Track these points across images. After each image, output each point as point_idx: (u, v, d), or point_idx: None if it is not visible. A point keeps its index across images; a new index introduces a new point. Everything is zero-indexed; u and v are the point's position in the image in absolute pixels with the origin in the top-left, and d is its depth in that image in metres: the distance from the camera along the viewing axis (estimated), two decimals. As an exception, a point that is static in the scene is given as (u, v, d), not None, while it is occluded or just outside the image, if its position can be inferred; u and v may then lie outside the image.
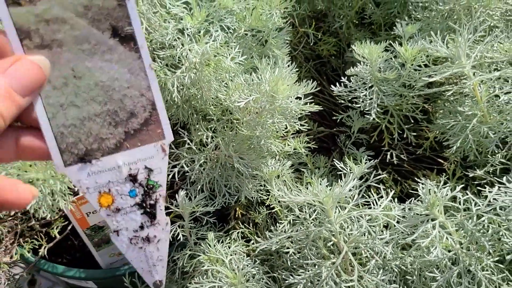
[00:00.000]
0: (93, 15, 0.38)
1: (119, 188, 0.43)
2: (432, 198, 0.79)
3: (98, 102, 0.40)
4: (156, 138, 0.43)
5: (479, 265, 0.80)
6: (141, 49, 0.40)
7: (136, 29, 0.40)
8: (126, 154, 0.42)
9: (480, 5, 0.98)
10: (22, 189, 0.37)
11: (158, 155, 0.43)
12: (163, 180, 0.44)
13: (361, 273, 0.82)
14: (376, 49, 0.99)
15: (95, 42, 0.39)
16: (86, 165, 0.41)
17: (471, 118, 0.91)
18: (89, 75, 0.40)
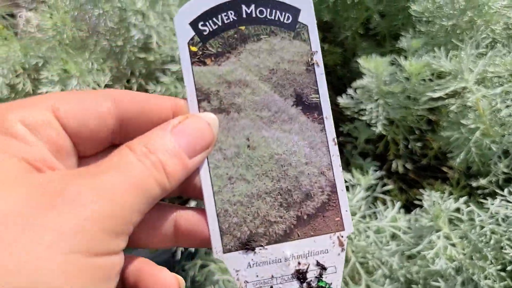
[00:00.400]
0: (277, 80, 0.36)
1: (283, 287, 0.35)
2: (437, 210, 0.82)
3: (270, 178, 0.35)
4: (333, 228, 0.36)
5: (481, 273, 0.83)
6: (325, 121, 0.36)
7: (323, 97, 0.36)
8: (296, 244, 0.35)
9: (482, 20, 1.01)
10: (166, 278, 0.32)
11: (334, 250, 0.35)
12: (338, 283, 0.36)
13: (368, 282, 0.85)
14: (382, 63, 1.02)
15: (276, 110, 0.36)
16: (248, 253, 0.35)
17: (474, 131, 0.94)
18: (264, 146, 0.35)
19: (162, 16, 1.12)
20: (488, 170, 1.04)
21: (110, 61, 1.17)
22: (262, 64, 0.35)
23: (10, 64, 0.93)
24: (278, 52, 0.35)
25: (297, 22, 0.35)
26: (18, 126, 0.27)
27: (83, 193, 0.25)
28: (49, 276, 0.22)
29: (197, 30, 0.34)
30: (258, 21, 0.35)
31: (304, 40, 0.35)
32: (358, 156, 1.19)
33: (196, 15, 0.34)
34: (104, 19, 1.04)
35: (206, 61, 0.35)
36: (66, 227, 0.24)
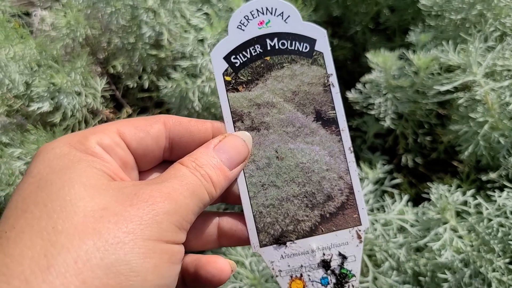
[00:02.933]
0: (299, 100, 0.41)
1: (311, 274, 0.41)
2: (444, 202, 0.83)
3: (297, 183, 0.41)
4: (352, 223, 0.42)
5: (489, 266, 0.83)
6: (342, 132, 0.42)
7: (339, 112, 0.41)
8: (321, 238, 0.41)
9: (492, 14, 1.01)
10: (221, 263, 0.39)
11: (353, 242, 0.41)
12: (357, 270, 0.42)
13: (375, 274, 0.86)
14: (390, 58, 1.03)
15: (299, 125, 0.41)
16: (281, 247, 0.41)
17: (483, 124, 0.94)
18: (291, 156, 0.41)
19: (173, 13, 1.14)
20: (497, 164, 1.04)
21: (121, 58, 1.19)
22: (285, 88, 0.41)
23: (26, 61, 0.96)
24: (299, 77, 0.41)
25: (314, 50, 0.41)
26: (97, 147, 0.35)
27: (153, 195, 0.32)
28: (130, 255, 0.29)
29: (230, 62, 0.41)
30: (280, 52, 0.41)
31: (321, 65, 0.41)
32: (367, 150, 1.20)
33: (229, 50, 0.41)
34: (116, 17, 1.06)
35: (238, 88, 0.41)
36: (143, 220, 0.31)
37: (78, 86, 0.98)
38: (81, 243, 0.28)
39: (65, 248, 0.28)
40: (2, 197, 0.99)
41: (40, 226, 0.29)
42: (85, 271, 0.27)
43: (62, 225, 0.29)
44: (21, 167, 0.82)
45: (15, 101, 1.13)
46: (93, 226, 0.29)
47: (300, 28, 0.40)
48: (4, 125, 1.07)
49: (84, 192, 0.31)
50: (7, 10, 1.17)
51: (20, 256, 0.28)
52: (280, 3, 0.39)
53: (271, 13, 0.40)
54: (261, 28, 0.40)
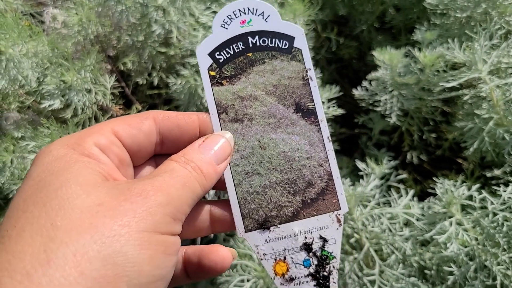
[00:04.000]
0: (280, 93, 0.44)
1: (294, 257, 0.43)
2: (449, 197, 0.84)
3: (279, 171, 0.44)
4: (332, 208, 0.44)
5: (494, 260, 0.84)
6: (320, 123, 0.44)
7: (317, 104, 0.44)
8: (302, 222, 0.44)
9: (497, 12, 1.02)
10: (223, 251, 0.41)
11: (333, 225, 0.44)
12: (337, 252, 0.44)
13: (382, 267, 0.88)
14: (396, 55, 1.04)
15: (281, 116, 0.44)
16: (265, 232, 0.43)
17: (488, 121, 0.95)
18: (273, 146, 0.44)
19: (182, 11, 1.15)
20: (502, 161, 1.05)
21: (131, 55, 1.21)
22: (267, 82, 0.44)
23: (38, 58, 0.98)
24: (279, 71, 0.44)
25: (293, 47, 0.44)
26: (94, 149, 0.37)
27: (145, 189, 0.34)
28: (126, 247, 0.31)
29: (214, 58, 0.43)
30: (262, 49, 0.44)
31: (299, 61, 0.44)
32: (373, 147, 1.22)
33: (213, 47, 0.43)
34: (126, 15, 1.08)
35: (222, 82, 0.44)
36: (137, 212, 0.33)
37: (88, 84, 1.00)
38: (78, 237, 0.30)
39: (63, 243, 0.30)
40: (15, 191, 1.01)
41: (39, 223, 0.31)
42: (83, 263, 0.29)
43: (60, 221, 0.31)
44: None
45: (27, 98, 1.15)
46: (90, 221, 0.31)
47: (280, 27, 0.43)
48: (16, 121, 1.09)
49: (80, 190, 0.33)
50: (19, 8, 1.19)
51: (21, 253, 0.29)
52: (261, 3, 0.43)
53: (252, 13, 0.43)
54: (243, 27, 0.43)
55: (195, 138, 0.42)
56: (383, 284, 0.86)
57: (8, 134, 1.06)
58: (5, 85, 0.94)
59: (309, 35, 1.21)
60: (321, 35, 1.41)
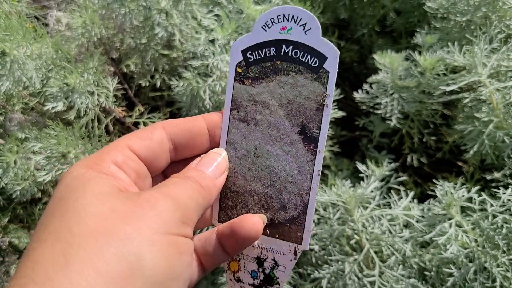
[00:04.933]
0: (291, 109, 0.43)
1: (246, 264, 0.46)
2: (449, 198, 0.85)
3: (262, 183, 0.45)
4: (294, 239, 0.44)
5: (494, 262, 0.85)
6: (318, 154, 0.43)
7: (322, 134, 0.42)
8: (264, 238, 0.45)
9: (497, 16, 1.03)
10: (254, 218, 0.43)
11: (288, 256, 0.45)
12: (283, 279, 0.45)
13: (382, 269, 0.88)
14: (396, 59, 1.05)
15: (283, 132, 0.44)
16: None
17: (488, 124, 0.96)
18: (266, 157, 0.44)
19: (184, 14, 1.16)
20: (502, 164, 1.06)
21: (134, 57, 1.22)
22: (284, 94, 0.44)
23: (42, 60, 0.99)
24: (299, 88, 0.43)
25: (322, 67, 0.42)
26: (111, 166, 0.40)
27: (154, 196, 0.37)
28: (139, 247, 0.33)
29: (245, 56, 0.44)
30: (291, 60, 0.43)
31: (323, 84, 0.42)
32: (373, 149, 1.22)
33: (248, 45, 0.44)
34: (129, 17, 1.09)
35: (244, 81, 0.44)
36: (148, 216, 0.35)
37: (90, 86, 1.01)
38: (94, 241, 0.32)
39: (81, 247, 0.32)
40: (18, 191, 1.02)
41: (59, 232, 0.33)
42: (100, 264, 0.31)
43: (77, 228, 0.33)
44: (40, 161, 0.85)
45: (31, 99, 1.16)
46: (104, 225, 0.33)
47: (317, 43, 0.41)
48: (20, 122, 1.10)
49: (96, 199, 0.35)
50: (24, 10, 1.20)
51: (43, 260, 0.32)
52: (306, 14, 0.41)
53: (295, 21, 0.42)
54: (282, 33, 0.42)
55: (205, 138, 0.45)
56: (383, 286, 0.87)
57: (12, 135, 1.07)
58: (9, 86, 0.95)
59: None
60: (323, 38, 1.41)
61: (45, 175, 0.86)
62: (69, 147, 0.86)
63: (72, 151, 0.86)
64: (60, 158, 0.85)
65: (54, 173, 0.86)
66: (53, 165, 0.86)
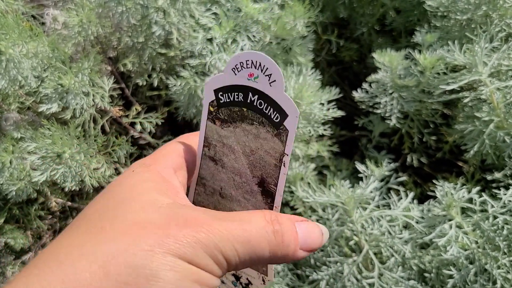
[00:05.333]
0: (253, 160, 0.43)
1: (226, 276, 0.48)
2: (449, 199, 0.84)
3: None
4: (261, 271, 0.46)
5: (494, 263, 0.84)
6: (274, 209, 0.42)
7: (278, 192, 0.42)
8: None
9: (497, 14, 1.02)
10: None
11: (258, 281, 0.46)
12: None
13: (381, 270, 0.87)
14: (396, 57, 1.04)
15: (245, 180, 0.43)
16: None
17: (488, 123, 0.95)
18: (229, 201, 0.45)
19: (182, 13, 1.15)
20: (503, 164, 1.05)
21: (131, 56, 1.21)
22: (247, 143, 0.43)
23: (39, 58, 0.98)
24: (261, 140, 0.42)
25: (282, 124, 0.40)
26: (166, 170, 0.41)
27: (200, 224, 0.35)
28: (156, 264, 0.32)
29: (217, 97, 0.43)
30: (256, 110, 0.41)
31: (282, 141, 0.40)
32: (373, 149, 1.21)
33: (219, 86, 0.42)
34: (127, 16, 1.08)
35: (215, 121, 0.44)
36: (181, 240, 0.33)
37: (86, 87, 1.00)
38: (116, 243, 0.32)
39: (101, 244, 0.32)
40: (13, 192, 1.01)
41: (91, 225, 0.34)
42: (110, 266, 0.31)
43: (109, 227, 0.33)
44: (35, 161, 0.84)
45: (27, 98, 1.15)
46: (134, 233, 0.33)
47: (279, 97, 0.39)
48: (16, 121, 1.09)
49: (139, 207, 0.35)
50: (20, 9, 1.19)
51: (67, 245, 0.33)
52: (272, 64, 0.39)
53: (261, 70, 0.39)
54: (249, 80, 0.41)
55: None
56: (382, 287, 0.86)
57: (8, 134, 1.05)
58: (5, 85, 0.94)
59: (309, 37, 1.21)
60: (322, 37, 1.41)
61: (40, 175, 0.85)
62: (64, 147, 0.85)
63: (67, 151, 0.85)
64: (55, 158, 0.84)
65: (49, 173, 0.85)
66: (48, 165, 0.84)
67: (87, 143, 0.91)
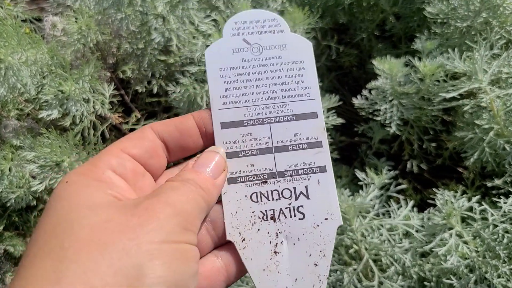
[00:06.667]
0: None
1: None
2: (449, 208, 0.84)
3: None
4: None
5: (495, 272, 0.84)
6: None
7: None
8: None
9: (497, 22, 1.02)
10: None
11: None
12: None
13: (381, 279, 0.87)
14: (396, 65, 1.04)
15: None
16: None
17: (488, 131, 0.94)
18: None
19: (181, 20, 1.15)
20: (503, 171, 1.05)
21: (131, 63, 1.21)
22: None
23: (38, 66, 0.98)
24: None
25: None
26: (107, 172, 0.38)
27: (152, 203, 0.35)
28: (136, 258, 0.31)
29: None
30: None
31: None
32: (373, 156, 1.21)
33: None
34: (126, 23, 1.08)
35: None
36: (145, 225, 0.33)
37: (86, 93, 1.00)
38: (88, 255, 0.30)
39: (73, 262, 0.30)
40: (12, 200, 1.01)
41: (49, 248, 0.31)
42: (94, 279, 0.29)
43: (68, 242, 0.31)
44: (33, 170, 0.84)
45: (26, 105, 1.15)
46: (99, 237, 0.31)
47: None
48: (15, 129, 1.09)
49: (89, 211, 0.33)
50: (19, 15, 1.19)
51: (33, 277, 0.30)
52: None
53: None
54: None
55: (196, 136, 0.43)
56: (382, 296, 0.85)
57: (7, 142, 1.05)
58: (4, 93, 0.94)
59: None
60: (321, 43, 1.41)
61: (39, 184, 0.85)
62: (63, 155, 0.84)
63: (66, 159, 0.85)
64: (54, 166, 0.84)
65: (48, 182, 0.85)
66: (47, 174, 0.84)
67: (87, 151, 0.91)
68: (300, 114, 0.42)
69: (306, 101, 0.43)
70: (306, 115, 0.42)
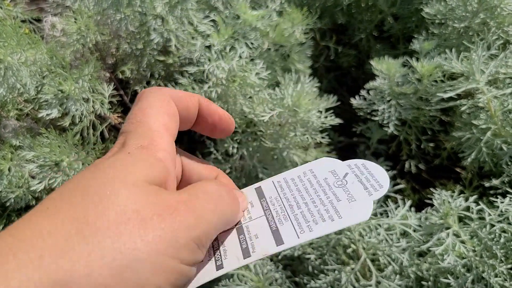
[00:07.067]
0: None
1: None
2: (446, 208, 0.84)
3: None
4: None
5: (492, 272, 0.84)
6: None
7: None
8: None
9: (495, 22, 1.02)
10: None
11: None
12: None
13: (378, 279, 0.87)
14: (394, 65, 1.04)
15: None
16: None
17: (486, 131, 0.95)
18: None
19: (180, 20, 1.16)
20: (500, 171, 1.05)
21: (130, 63, 1.21)
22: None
23: (37, 66, 0.98)
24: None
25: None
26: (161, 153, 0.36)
27: (178, 208, 0.33)
28: (139, 264, 0.30)
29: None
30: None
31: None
32: (371, 156, 1.21)
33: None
34: (125, 23, 1.08)
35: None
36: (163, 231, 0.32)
37: (86, 93, 1.00)
38: (101, 239, 0.30)
39: (85, 240, 0.29)
40: (12, 199, 1.01)
41: (75, 211, 0.31)
42: (94, 266, 0.29)
43: (93, 217, 0.30)
44: (33, 170, 0.84)
45: (25, 105, 1.15)
46: (118, 226, 0.31)
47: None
48: (14, 129, 1.09)
49: (124, 190, 0.32)
50: (19, 16, 1.20)
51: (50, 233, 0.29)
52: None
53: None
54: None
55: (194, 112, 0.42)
56: (380, 295, 0.86)
57: (7, 142, 1.06)
58: (3, 93, 0.94)
59: (307, 44, 1.21)
60: (320, 43, 1.41)
61: (38, 183, 0.85)
62: (62, 155, 0.85)
63: (65, 159, 0.85)
64: (53, 166, 0.84)
65: (47, 181, 0.85)
66: (46, 174, 0.85)
67: (86, 151, 0.91)
68: None
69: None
70: None
